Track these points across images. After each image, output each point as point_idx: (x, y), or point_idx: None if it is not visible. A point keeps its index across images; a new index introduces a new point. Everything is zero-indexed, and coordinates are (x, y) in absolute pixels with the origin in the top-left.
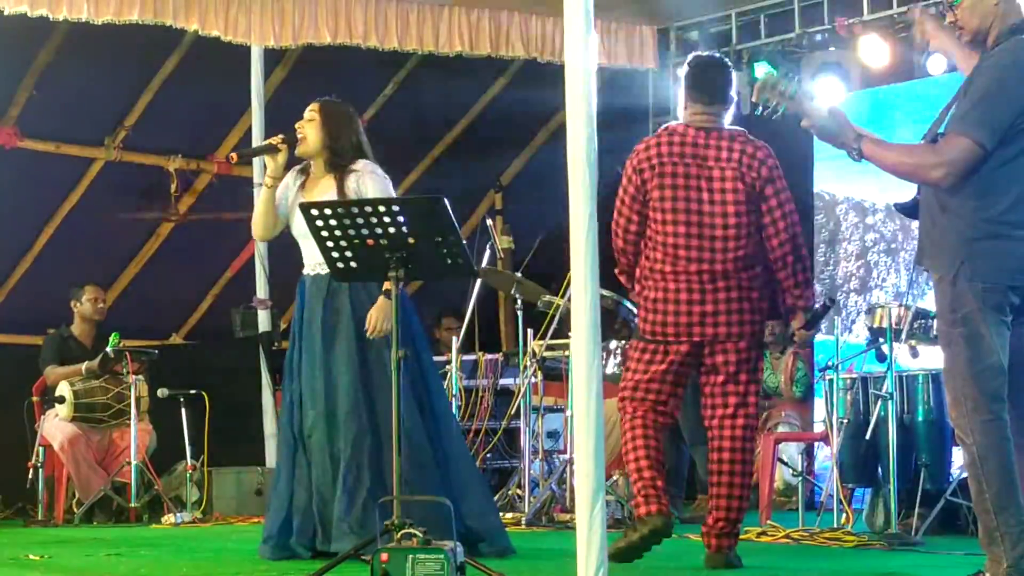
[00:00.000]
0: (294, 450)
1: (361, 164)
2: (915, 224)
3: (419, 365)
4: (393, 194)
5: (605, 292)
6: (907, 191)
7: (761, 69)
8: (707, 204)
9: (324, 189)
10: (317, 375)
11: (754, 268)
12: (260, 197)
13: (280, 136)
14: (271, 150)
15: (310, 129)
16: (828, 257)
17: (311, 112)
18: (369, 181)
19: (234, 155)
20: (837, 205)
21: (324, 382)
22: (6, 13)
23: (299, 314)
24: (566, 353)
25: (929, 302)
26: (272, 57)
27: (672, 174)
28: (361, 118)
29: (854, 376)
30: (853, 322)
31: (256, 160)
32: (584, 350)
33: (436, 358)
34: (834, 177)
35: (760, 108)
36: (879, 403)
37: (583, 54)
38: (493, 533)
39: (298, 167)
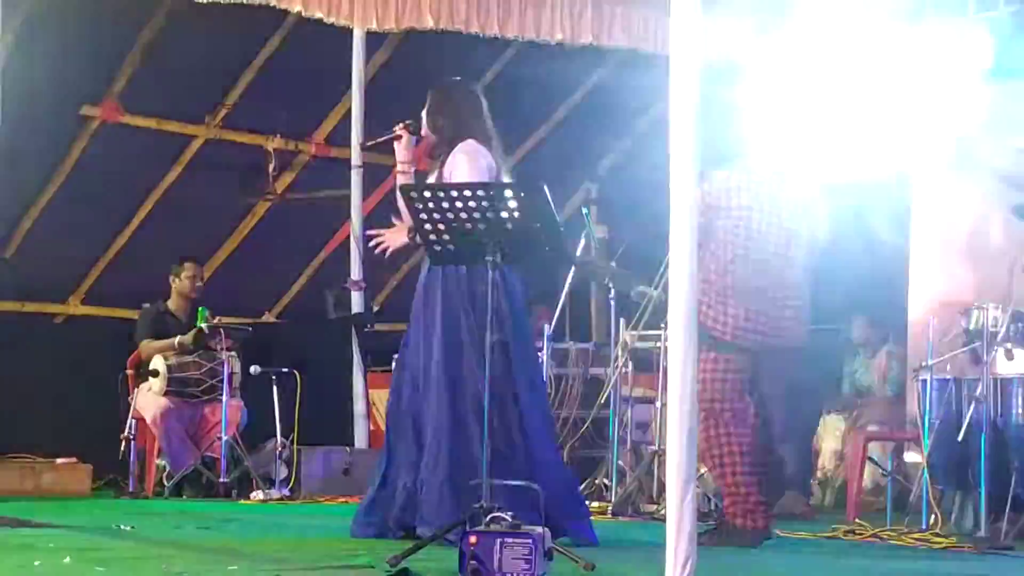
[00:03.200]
0: (396, 427)
1: (461, 145)
2: None
3: (510, 351)
4: (484, 175)
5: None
6: None
7: None
8: (789, 232)
9: (432, 171)
10: (420, 355)
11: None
12: (398, 183)
13: (402, 123)
14: (394, 138)
15: (424, 115)
16: None
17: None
18: (456, 162)
19: (362, 142)
20: None
21: (423, 363)
22: None
23: (416, 293)
24: (657, 344)
25: None
26: (373, 40)
27: (769, 210)
28: None
29: (948, 377)
30: None
31: (354, 143)
32: (681, 340)
33: None
34: None
35: None
36: (972, 405)
37: (689, 44)
38: (577, 525)
39: None
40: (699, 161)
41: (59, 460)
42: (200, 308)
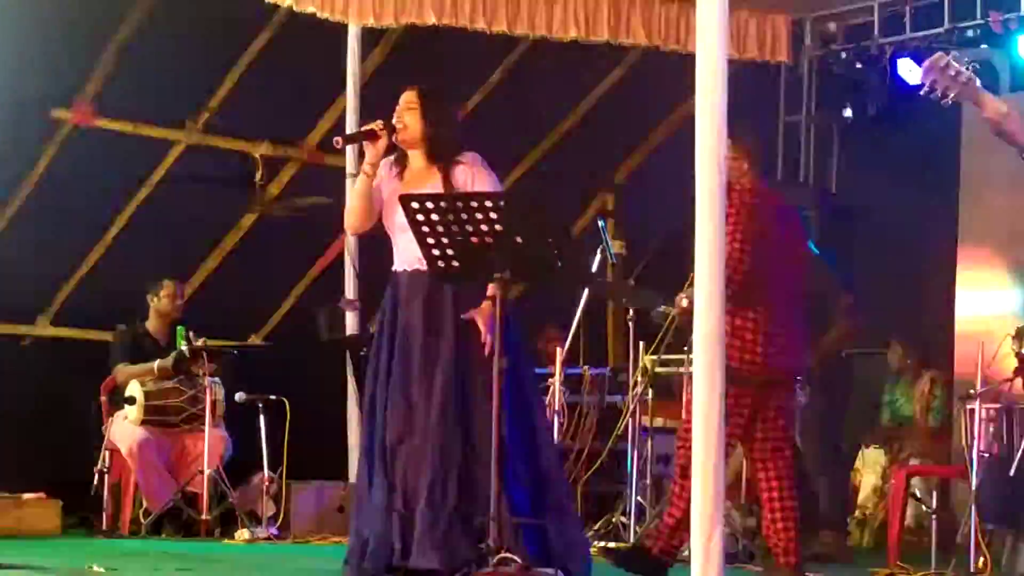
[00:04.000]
0: (375, 462)
1: (469, 157)
2: None
3: (516, 375)
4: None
5: None
6: None
7: (904, 66)
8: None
9: (427, 182)
10: (417, 379)
11: None
12: (357, 186)
13: (380, 122)
14: (371, 136)
15: (410, 117)
16: None
17: (410, 99)
18: (482, 175)
19: (340, 139)
20: None
21: (426, 387)
22: None
23: (391, 314)
24: (680, 369)
25: None
26: (370, 37)
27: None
28: (464, 107)
29: (998, 406)
30: None
31: (349, 148)
32: (706, 365)
33: (537, 370)
34: None
35: (927, 90)
36: None
37: (716, 43)
38: (579, 558)
39: (392, 156)
40: (725, 168)
41: (26, 495)
42: (179, 328)
